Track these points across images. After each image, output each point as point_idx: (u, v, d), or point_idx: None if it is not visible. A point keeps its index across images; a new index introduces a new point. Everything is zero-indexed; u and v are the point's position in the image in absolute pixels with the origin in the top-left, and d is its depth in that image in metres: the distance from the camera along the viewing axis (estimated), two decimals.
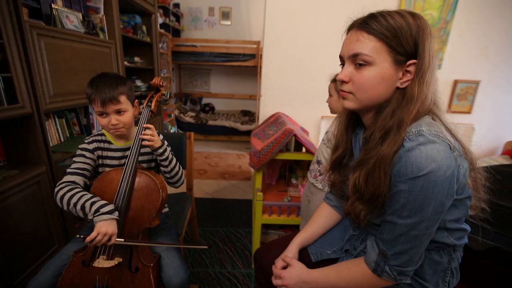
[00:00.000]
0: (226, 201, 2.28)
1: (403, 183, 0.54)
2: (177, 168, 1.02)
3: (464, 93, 2.30)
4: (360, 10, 0.62)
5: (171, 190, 1.08)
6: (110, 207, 0.82)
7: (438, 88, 0.61)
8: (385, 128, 0.59)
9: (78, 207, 0.81)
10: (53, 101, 1.37)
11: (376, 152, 0.59)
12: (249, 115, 4.38)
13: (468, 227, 0.67)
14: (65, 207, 0.83)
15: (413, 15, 0.57)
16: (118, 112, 0.91)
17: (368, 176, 0.60)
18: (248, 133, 3.91)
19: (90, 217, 0.80)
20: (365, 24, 0.58)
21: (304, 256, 0.84)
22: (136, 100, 1.00)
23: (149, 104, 0.99)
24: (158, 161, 0.99)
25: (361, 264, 0.65)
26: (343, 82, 0.63)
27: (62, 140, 1.58)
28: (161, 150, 0.95)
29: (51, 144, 1.42)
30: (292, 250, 0.83)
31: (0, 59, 1.11)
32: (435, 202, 0.53)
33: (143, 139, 0.91)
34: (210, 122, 4.06)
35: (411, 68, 0.57)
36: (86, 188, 0.90)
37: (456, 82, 2.26)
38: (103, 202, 0.83)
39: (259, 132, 1.86)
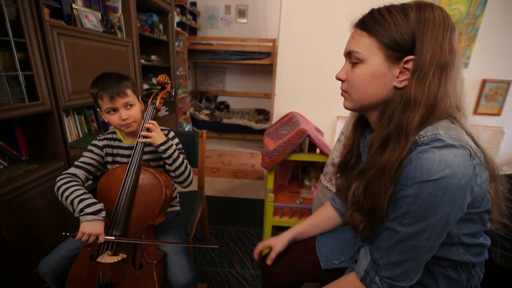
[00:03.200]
0: (238, 200, 2.27)
1: (409, 187, 0.49)
2: (182, 168, 0.96)
3: (493, 93, 2.14)
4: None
5: (182, 188, 1.08)
6: (97, 207, 0.81)
7: (463, 90, 0.54)
8: (384, 135, 0.54)
9: (68, 201, 0.82)
10: (71, 98, 1.41)
11: (376, 162, 0.54)
12: (264, 114, 4.36)
13: (487, 241, 0.61)
14: (59, 198, 0.84)
15: (420, 6, 0.51)
16: (127, 106, 0.92)
17: (367, 187, 0.56)
18: (262, 132, 3.88)
19: (76, 214, 0.80)
20: (361, 21, 0.56)
21: (313, 262, 0.81)
22: (140, 96, 1.01)
23: (154, 101, 1.00)
24: (162, 159, 0.96)
25: (351, 275, 0.61)
26: (341, 80, 0.61)
27: (81, 136, 1.63)
28: (163, 148, 0.91)
29: (70, 140, 1.47)
30: (282, 241, 0.83)
31: (22, 58, 1.15)
32: (441, 213, 0.47)
33: (142, 136, 0.91)
34: (225, 120, 4.07)
35: (409, 65, 0.52)
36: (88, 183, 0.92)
37: (484, 82, 2.11)
38: (92, 201, 0.82)
39: (272, 132, 1.84)
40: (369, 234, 0.62)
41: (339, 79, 0.61)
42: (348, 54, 0.58)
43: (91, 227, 0.78)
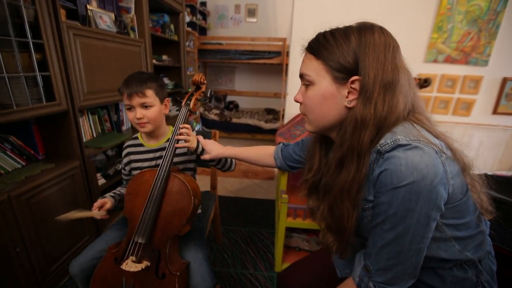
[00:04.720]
0: (248, 201, 2.26)
1: (383, 195, 0.49)
2: (223, 159, 1.03)
3: None
4: (387, 7, 0.56)
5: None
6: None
7: (416, 95, 0.57)
8: (339, 156, 0.56)
9: None
10: (86, 98, 1.42)
11: (334, 183, 0.55)
12: (273, 114, 4.33)
13: (479, 231, 0.58)
14: None
15: (361, 29, 0.54)
16: (144, 106, 0.92)
17: (331, 209, 0.56)
18: (271, 131, 3.86)
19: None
20: (309, 44, 0.59)
21: (331, 272, 0.79)
22: (168, 99, 1.00)
23: (188, 102, 0.97)
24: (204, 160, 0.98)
25: (349, 280, 0.60)
26: (298, 102, 0.63)
27: (95, 135, 1.65)
28: (200, 150, 0.95)
29: (84, 140, 1.49)
30: (218, 152, 0.93)
31: (40, 59, 1.17)
32: (419, 215, 0.47)
33: (178, 140, 0.90)
34: (234, 120, 4.06)
35: (356, 85, 0.53)
36: None
37: (505, 80, 2.03)
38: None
39: (285, 132, 1.81)
40: (346, 253, 0.62)
41: (297, 101, 0.62)
42: (301, 77, 0.60)
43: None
